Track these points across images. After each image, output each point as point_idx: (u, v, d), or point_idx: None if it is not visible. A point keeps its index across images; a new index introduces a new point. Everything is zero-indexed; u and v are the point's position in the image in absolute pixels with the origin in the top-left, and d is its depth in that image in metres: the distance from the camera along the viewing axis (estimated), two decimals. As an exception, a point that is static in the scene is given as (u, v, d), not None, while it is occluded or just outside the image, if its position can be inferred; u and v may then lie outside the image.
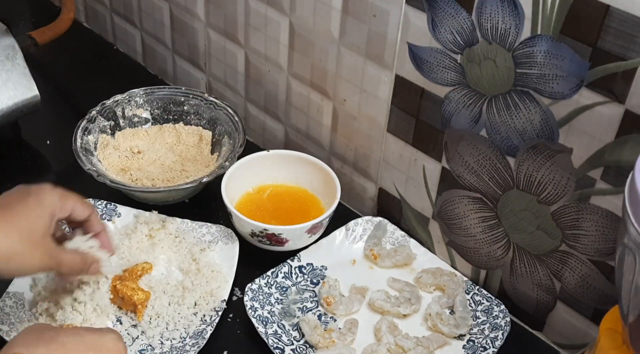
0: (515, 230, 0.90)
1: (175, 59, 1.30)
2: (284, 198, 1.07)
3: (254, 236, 0.99)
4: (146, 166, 1.12)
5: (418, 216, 1.02)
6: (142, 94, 1.16)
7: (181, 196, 1.08)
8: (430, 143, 0.95)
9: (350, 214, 1.10)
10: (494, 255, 0.95)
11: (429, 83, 0.91)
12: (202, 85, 1.28)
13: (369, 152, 1.04)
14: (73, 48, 1.40)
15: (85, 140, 1.09)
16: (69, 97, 1.33)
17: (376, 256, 1.01)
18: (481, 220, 0.94)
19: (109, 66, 1.39)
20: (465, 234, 0.97)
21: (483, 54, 0.83)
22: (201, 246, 1.00)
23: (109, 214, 1.03)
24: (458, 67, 0.87)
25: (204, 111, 1.16)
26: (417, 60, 0.91)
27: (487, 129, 0.87)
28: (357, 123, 1.03)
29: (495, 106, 0.85)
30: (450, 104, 0.90)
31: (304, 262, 1.00)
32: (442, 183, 0.96)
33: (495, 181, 0.90)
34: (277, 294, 0.96)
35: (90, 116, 1.11)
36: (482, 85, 0.85)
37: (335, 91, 1.04)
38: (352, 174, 1.09)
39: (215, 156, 1.13)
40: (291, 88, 1.10)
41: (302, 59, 1.06)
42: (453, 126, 0.91)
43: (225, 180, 1.02)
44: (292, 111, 1.13)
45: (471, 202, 0.94)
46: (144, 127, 1.16)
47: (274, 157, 1.08)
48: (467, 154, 0.91)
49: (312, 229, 0.99)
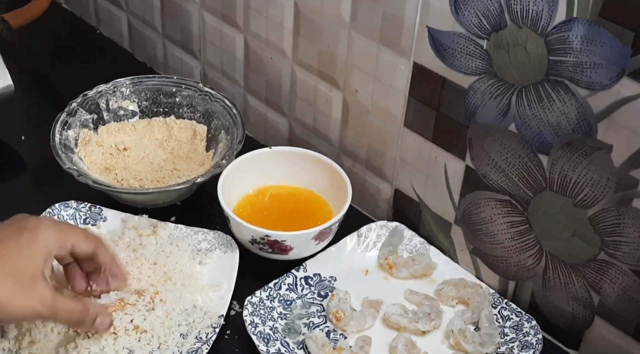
0: (548, 236, 0.91)
1: (166, 44, 1.31)
2: (288, 201, 1.08)
3: (255, 243, 0.99)
4: (133, 164, 1.13)
5: (439, 220, 1.02)
6: (128, 84, 1.17)
7: (172, 198, 1.09)
8: (453, 139, 0.95)
9: (363, 218, 1.10)
10: (524, 264, 0.95)
11: (451, 72, 0.91)
12: (196, 74, 1.28)
13: (383, 149, 1.04)
14: (51, 32, 1.41)
15: (65, 135, 1.09)
16: (46, 88, 1.33)
17: (392, 265, 1.01)
18: (510, 225, 0.94)
19: (92, 53, 1.39)
20: (491, 241, 0.97)
21: (512, 39, 0.84)
22: (197, 254, 1.01)
23: (93, 218, 1.04)
24: (484, 54, 0.87)
25: (198, 103, 1.16)
26: (438, 46, 0.91)
27: (517, 123, 0.88)
28: (371, 116, 1.04)
29: (526, 98, 0.86)
30: (475, 95, 0.90)
31: (310, 273, 1.00)
32: (466, 184, 0.97)
33: (526, 182, 0.90)
34: (281, 308, 0.96)
35: (71, 108, 1.12)
36: (511, 74, 0.86)
37: (346, 81, 1.04)
38: (365, 174, 1.09)
39: (210, 153, 1.13)
40: (296, 77, 1.11)
41: (308, 45, 1.06)
42: (478, 119, 0.91)
43: (222, 180, 1.03)
44: (298, 103, 1.13)
45: (499, 206, 0.94)
46: (131, 121, 1.17)
47: (276, 154, 1.09)
48: (494, 152, 0.92)
49: (320, 236, 0.99)
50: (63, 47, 1.40)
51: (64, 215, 1.03)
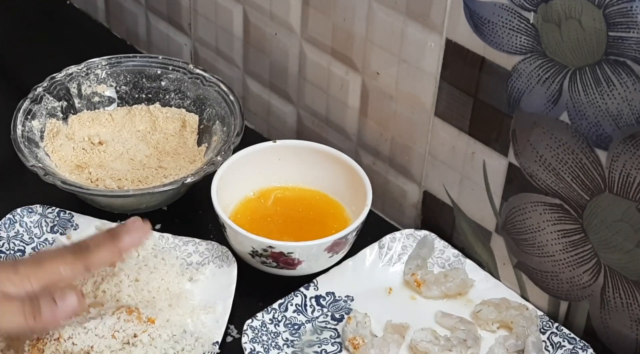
0: (608, 248, 0.91)
1: (150, 17, 1.31)
2: (295, 205, 1.08)
3: (256, 256, 1.00)
4: (110, 161, 1.13)
5: (476, 228, 1.03)
6: (104, 65, 1.17)
7: (157, 202, 1.09)
8: (493, 131, 0.96)
9: (385, 226, 1.10)
10: (578, 281, 0.95)
11: (492, 51, 0.91)
12: (185, 53, 1.28)
13: (410, 143, 1.05)
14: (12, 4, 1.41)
15: (29, 127, 1.09)
16: (5, 69, 1.33)
17: (420, 282, 1.01)
18: (562, 234, 0.94)
19: (60, 28, 1.39)
20: (540, 254, 0.97)
21: (564, 11, 0.84)
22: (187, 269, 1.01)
23: (62, 226, 1.04)
24: (531, 30, 0.87)
25: (188, 88, 1.17)
26: (476, 19, 0.91)
27: (570, 112, 0.88)
28: (395, 104, 1.04)
29: (581, 82, 0.86)
30: (520, 78, 0.90)
31: (322, 292, 1.00)
32: (509, 185, 0.97)
33: (581, 182, 0.90)
34: (287, 333, 0.96)
35: (35, 94, 1.12)
36: (563, 53, 0.86)
37: (365, 61, 1.04)
38: (388, 173, 1.09)
39: (203, 148, 1.14)
40: (306, 57, 1.11)
41: (320, 18, 1.06)
42: (524, 108, 0.91)
43: (216, 181, 1.03)
44: (307, 88, 1.13)
45: (548, 211, 0.94)
46: (107, 110, 1.17)
47: (282, 150, 1.09)
48: (542, 146, 0.92)
49: (334, 247, 0.99)
50: (26, 21, 1.40)
51: (27, 222, 1.04)
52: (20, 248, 1.02)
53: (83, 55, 1.18)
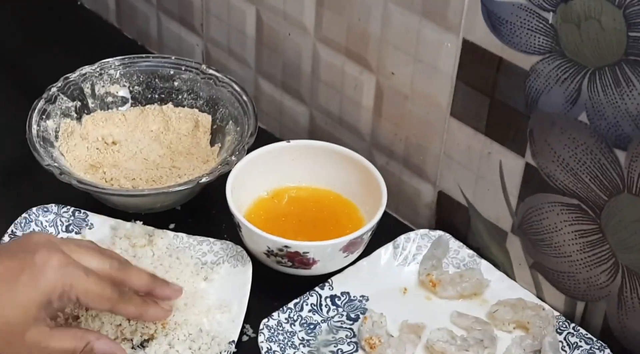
0: (626, 248, 0.91)
1: (161, 18, 1.31)
2: (309, 205, 1.08)
3: (271, 256, 0.99)
4: (124, 161, 1.13)
5: (492, 229, 1.02)
6: (117, 66, 1.17)
7: (171, 202, 1.09)
8: (510, 131, 0.95)
9: (400, 226, 1.11)
10: (595, 282, 0.95)
11: (509, 51, 0.91)
12: (197, 53, 1.28)
13: (425, 143, 1.04)
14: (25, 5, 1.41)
15: (43, 126, 1.09)
16: (20, 69, 1.33)
17: (435, 282, 1.01)
18: (579, 234, 0.94)
19: (73, 28, 1.39)
20: (556, 254, 0.97)
21: (584, 11, 0.84)
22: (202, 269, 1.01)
23: (77, 225, 1.04)
24: (550, 30, 0.87)
25: (201, 88, 1.17)
26: (493, 19, 0.91)
27: (589, 112, 0.88)
28: (410, 104, 1.04)
29: (600, 82, 0.85)
30: (538, 78, 0.90)
31: (337, 291, 1.00)
32: (526, 185, 0.97)
33: (599, 183, 0.90)
34: (303, 333, 0.96)
35: (50, 94, 1.12)
36: (583, 53, 0.86)
37: (380, 61, 1.04)
38: (402, 173, 1.09)
39: (216, 148, 1.14)
40: (319, 57, 1.11)
41: (334, 18, 1.06)
42: (542, 108, 0.91)
43: (230, 181, 1.03)
44: (321, 88, 1.13)
45: (565, 211, 0.94)
46: (121, 110, 1.17)
47: (295, 150, 1.09)
48: (560, 146, 0.91)
49: (349, 247, 0.99)
50: (39, 22, 1.40)
51: (42, 221, 1.03)
52: (36, 247, 1.02)
53: (95, 56, 1.18)
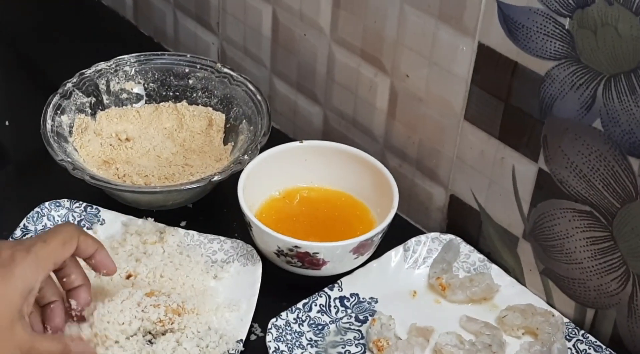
0: (637, 256, 0.90)
1: (178, 16, 1.31)
2: (321, 206, 1.08)
3: (281, 255, 0.99)
4: (137, 157, 1.13)
5: (503, 234, 1.02)
6: (133, 63, 1.17)
7: (183, 199, 1.09)
8: (524, 137, 0.95)
9: (411, 229, 1.10)
10: (606, 289, 0.94)
11: (525, 55, 0.91)
12: (213, 52, 1.28)
13: (438, 146, 1.04)
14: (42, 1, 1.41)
15: (58, 121, 1.10)
16: (36, 64, 1.34)
17: (445, 286, 1.01)
18: (590, 241, 0.93)
19: (89, 24, 1.40)
20: (567, 261, 0.96)
21: (601, 17, 0.83)
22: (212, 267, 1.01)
23: (89, 221, 1.04)
24: (566, 35, 0.87)
25: (216, 87, 1.17)
26: (510, 24, 0.91)
27: (603, 119, 0.87)
28: (424, 107, 1.03)
29: (615, 89, 0.85)
30: (553, 84, 0.90)
31: (346, 293, 1.00)
32: (539, 191, 0.96)
33: (612, 190, 0.90)
34: (311, 333, 0.96)
35: (65, 89, 1.12)
36: (598, 60, 0.85)
37: (395, 64, 1.04)
38: (415, 176, 1.09)
39: (229, 146, 1.14)
40: (334, 58, 1.11)
41: (350, 20, 1.06)
42: (556, 114, 0.91)
43: (242, 180, 1.03)
44: (335, 89, 1.13)
45: (578, 218, 0.94)
46: (135, 107, 1.17)
47: (308, 150, 1.09)
48: (573, 153, 0.91)
49: (359, 249, 0.99)
50: (56, 18, 1.40)
51: (54, 216, 1.04)
52: (47, 241, 1.02)
53: (110, 52, 1.18)
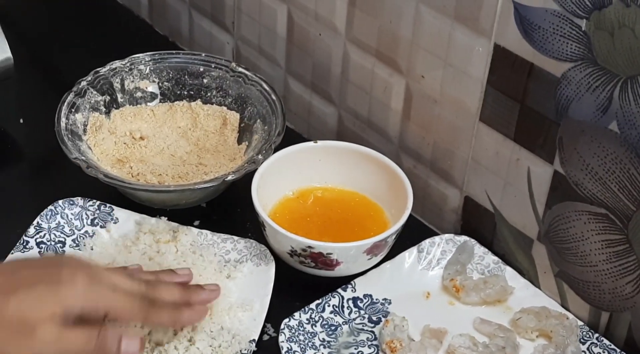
0: (653, 260, 0.90)
1: (193, 15, 1.31)
2: (335, 206, 1.08)
3: (295, 256, 0.99)
4: (151, 156, 1.13)
5: (518, 236, 1.02)
6: (148, 61, 1.17)
7: (197, 199, 1.09)
8: (539, 138, 0.95)
9: (425, 230, 1.10)
10: (621, 292, 0.94)
11: (541, 57, 0.91)
12: (227, 51, 1.28)
13: (453, 147, 1.04)
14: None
15: (72, 120, 1.10)
16: (51, 63, 1.34)
17: (459, 288, 1.01)
18: (606, 244, 0.93)
19: (105, 23, 1.40)
20: (582, 263, 0.96)
21: (618, 19, 0.83)
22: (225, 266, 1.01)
23: (102, 219, 1.04)
24: (582, 37, 0.86)
25: (230, 86, 1.16)
26: (526, 25, 0.91)
27: (619, 121, 0.87)
28: (439, 108, 1.03)
29: (632, 91, 0.85)
30: (569, 86, 0.89)
31: (360, 294, 1.00)
32: (554, 193, 0.96)
33: (628, 193, 0.89)
34: (324, 334, 0.96)
35: (79, 88, 1.12)
36: (615, 61, 0.85)
37: (410, 64, 1.04)
38: (429, 177, 1.09)
39: (243, 146, 1.14)
40: (349, 59, 1.11)
41: (366, 20, 1.06)
42: (572, 115, 0.91)
43: (256, 179, 1.03)
44: (350, 90, 1.13)
45: (593, 220, 0.93)
46: (149, 105, 1.17)
47: (322, 150, 1.09)
48: (589, 155, 0.91)
49: (373, 249, 0.99)
50: (71, 16, 1.41)
51: (68, 214, 1.04)
52: (61, 240, 1.02)
53: (125, 51, 1.19)
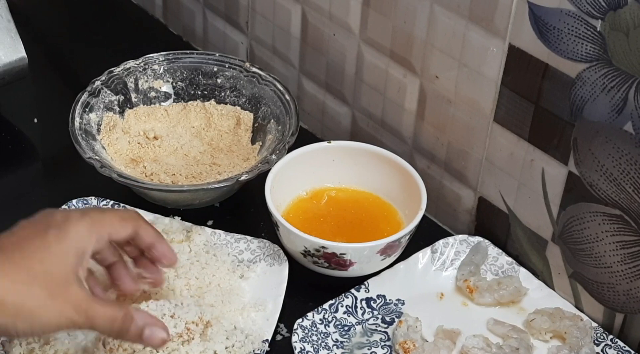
0: (668, 261, 0.90)
1: (207, 15, 1.31)
2: (348, 207, 1.08)
3: (308, 256, 0.99)
4: (165, 156, 1.13)
5: (532, 237, 1.02)
6: (162, 61, 1.18)
7: (210, 198, 1.09)
8: (554, 139, 0.94)
9: (439, 231, 1.10)
10: (635, 294, 0.94)
11: (556, 57, 0.90)
12: (241, 51, 1.29)
13: (467, 148, 1.04)
14: None
15: (86, 119, 1.10)
16: (65, 62, 1.34)
17: (472, 289, 1.00)
18: (620, 246, 0.93)
19: (119, 23, 1.40)
20: (597, 264, 0.96)
21: (633, 19, 0.83)
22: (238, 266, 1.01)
23: (116, 219, 1.04)
24: (597, 37, 0.86)
25: (244, 86, 1.17)
26: (541, 25, 0.90)
27: (634, 122, 0.86)
28: (453, 109, 1.03)
29: (647, 91, 0.85)
30: (584, 86, 0.89)
31: (373, 294, 1.00)
32: (568, 194, 0.96)
33: (643, 194, 0.89)
34: (337, 334, 0.96)
35: (94, 87, 1.13)
36: (630, 62, 0.84)
37: (424, 64, 1.04)
38: (443, 178, 1.09)
39: (257, 146, 1.14)
40: (363, 59, 1.11)
41: (380, 20, 1.06)
42: (586, 116, 0.90)
43: (270, 179, 1.03)
44: (364, 90, 1.13)
45: (607, 221, 0.93)
46: (163, 105, 1.18)
47: (336, 151, 1.09)
48: (604, 156, 0.90)
49: (387, 250, 0.99)
50: (85, 16, 1.41)
51: (82, 214, 1.03)
52: (74, 239, 1.02)
53: (139, 50, 1.19)
